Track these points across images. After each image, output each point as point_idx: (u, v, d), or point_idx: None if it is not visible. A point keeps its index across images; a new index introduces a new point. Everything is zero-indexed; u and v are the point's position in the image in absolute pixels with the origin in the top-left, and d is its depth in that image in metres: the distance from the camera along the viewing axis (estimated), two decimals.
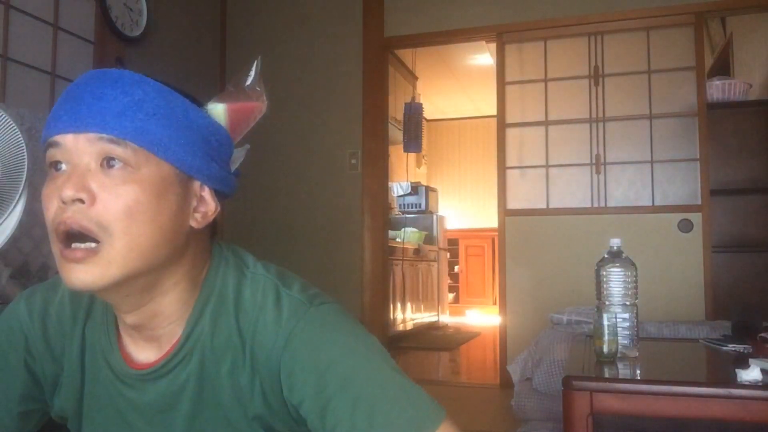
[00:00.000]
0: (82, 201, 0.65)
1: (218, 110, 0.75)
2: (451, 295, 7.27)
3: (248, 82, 0.77)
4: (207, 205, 0.74)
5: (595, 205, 3.52)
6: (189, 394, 0.75)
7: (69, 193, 0.65)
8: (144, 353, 0.77)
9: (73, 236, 0.66)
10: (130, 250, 0.67)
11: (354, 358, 0.71)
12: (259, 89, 0.78)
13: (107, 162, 0.67)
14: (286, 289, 0.76)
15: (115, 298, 0.72)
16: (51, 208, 0.67)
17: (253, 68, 0.78)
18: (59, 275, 0.70)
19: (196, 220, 0.73)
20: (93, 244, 0.66)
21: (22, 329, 0.81)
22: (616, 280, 1.53)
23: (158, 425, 0.77)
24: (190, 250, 0.74)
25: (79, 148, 0.67)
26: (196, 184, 0.73)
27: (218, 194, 0.75)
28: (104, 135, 0.66)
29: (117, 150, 0.66)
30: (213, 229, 0.79)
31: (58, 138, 0.67)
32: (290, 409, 0.73)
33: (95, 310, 0.81)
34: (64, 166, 0.68)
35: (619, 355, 1.48)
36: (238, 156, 0.79)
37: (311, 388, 0.70)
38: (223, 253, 0.80)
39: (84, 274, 0.66)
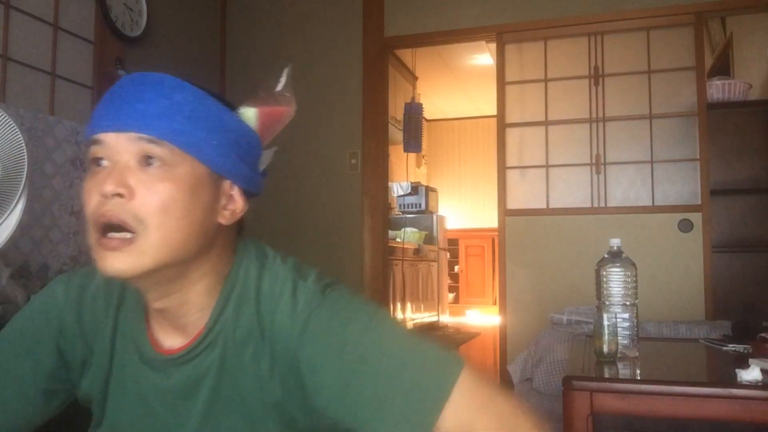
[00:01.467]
0: (121, 195, 0.70)
1: (249, 114, 0.80)
2: (451, 295, 7.26)
3: (278, 88, 0.82)
4: (235, 203, 0.79)
5: (595, 205, 3.52)
6: (209, 381, 0.79)
7: (110, 187, 0.69)
8: (171, 340, 0.81)
9: (110, 228, 0.70)
10: (163, 243, 0.71)
11: (368, 334, 0.74)
12: (288, 95, 0.83)
13: (146, 160, 0.71)
14: (301, 280, 0.79)
15: (145, 285, 0.76)
16: (91, 201, 0.71)
17: (284, 74, 0.83)
18: (94, 264, 0.74)
19: (225, 217, 0.78)
20: (128, 234, 0.70)
21: (57, 311, 0.85)
22: (616, 280, 1.53)
23: (178, 410, 0.80)
24: (217, 244, 0.79)
25: (120, 146, 0.71)
26: (227, 183, 0.77)
27: (246, 193, 0.80)
28: (144, 135, 0.71)
29: (155, 149, 0.71)
30: (240, 226, 0.83)
31: (101, 136, 0.72)
32: (310, 395, 0.76)
33: (127, 298, 0.85)
34: (105, 163, 0.72)
35: (619, 355, 1.48)
36: (266, 157, 0.84)
37: (331, 370, 0.73)
38: (247, 247, 0.84)
39: (118, 262, 0.70)
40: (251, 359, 0.78)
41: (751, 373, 1.24)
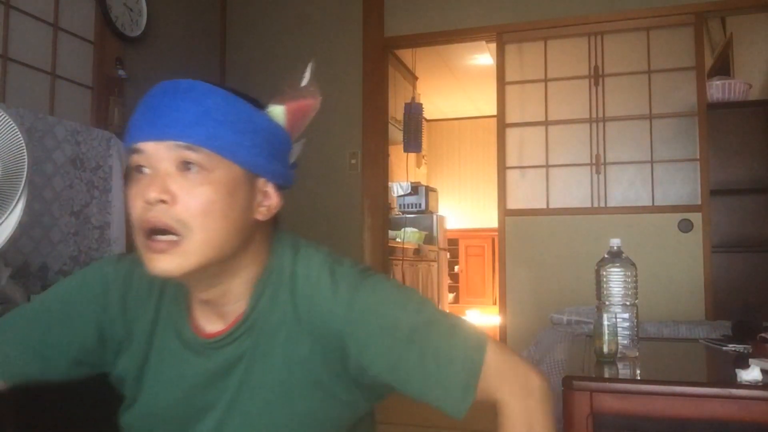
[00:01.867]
0: (164, 201, 0.75)
1: (278, 112, 0.85)
2: (451, 295, 7.26)
3: (304, 83, 0.87)
4: (270, 199, 0.84)
5: (595, 205, 3.52)
6: (243, 365, 0.85)
7: (153, 194, 0.74)
8: (212, 325, 0.87)
9: (156, 231, 0.76)
10: (206, 243, 0.77)
11: (412, 314, 0.83)
12: (313, 88, 0.87)
13: (184, 165, 0.76)
14: (338, 264, 0.86)
15: (191, 281, 0.82)
16: (137, 207, 0.77)
17: (308, 70, 0.88)
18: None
19: (262, 213, 0.83)
20: (174, 237, 0.75)
21: (104, 289, 0.90)
22: (616, 280, 1.53)
23: (213, 390, 0.86)
24: (256, 238, 0.84)
25: (159, 154, 0.76)
26: (261, 180, 0.82)
27: (279, 187, 0.85)
28: (181, 142, 0.75)
29: (192, 155, 0.75)
30: (275, 218, 0.88)
31: (141, 145, 0.77)
32: (352, 371, 0.83)
33: (169, 287, 0.90)
34: (146, 170, 0.77)
35: (619, 355, 1.47)
36: (296, 150, 0.88)
37: (382, 347, 0.81)
38: (282, 238, 0.90)
39: (166, 263, 0.76)
40: (284, 342, 0.83)
41: (751, 373, 1.24)
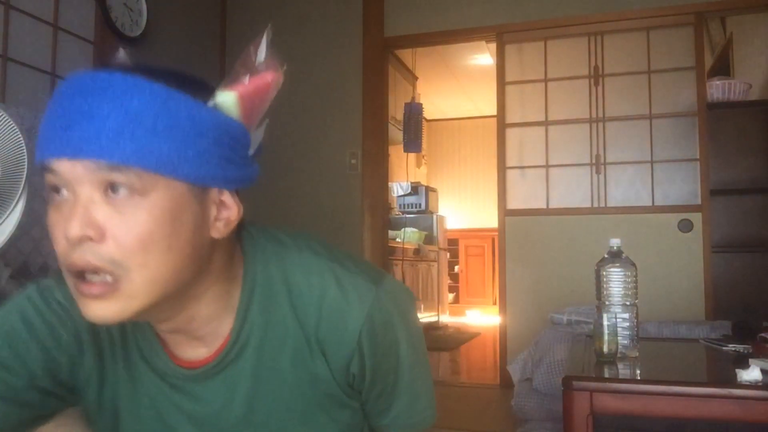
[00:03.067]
0: (90, 238, 0.59)
1: (229, 101, 0.66)
2: (451, 295, 7.26)
3: (261, 57, 0.68)
4: (229, 209, 0.68)
5: (595, 205, 3.52)
6: (243, 389, 0.74)
7: (75, 232, 0.59)
8: (192, 351, 0.74)
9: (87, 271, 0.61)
10: (151, 282, 0.62)
11: (408, 347, 0.78)
12: (271, 60, 0.68)
13: (111, 188, 0.60)
14: (341, 270, 0.75)
15: (141, 318, 0.67)
16: (59, 241, 0.61)
17: (264, 39, 0.69)
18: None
19: (218, 230, 0.67)
20: (109, 277, 0.61)
21: (29, 329, 0.73)
22: (616, 280, 1.53)
23: (208, 425, 0.75)
24: (217, 256, 0.69)
25: (77, 176, 0.59)
26: (214, 191, 0.66)
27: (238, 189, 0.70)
28: (103, 161, 0.58)
29: (119, 177, 0.59)
30: (239, 223, 0.72)
31: (53, 164, 0.60)
32: (348, 378, 0.76)
33: None
34: (64, 192, 0.61)
35: (619, 355, 1.48)
36: (257, 137, 0.70)
37: (375, 370, 0.76)
38: (256, 240, 0.76)
39: (104, 310, 0.62)
40: (292, 360, 0.73)
41: (751, 373, 1.24)
